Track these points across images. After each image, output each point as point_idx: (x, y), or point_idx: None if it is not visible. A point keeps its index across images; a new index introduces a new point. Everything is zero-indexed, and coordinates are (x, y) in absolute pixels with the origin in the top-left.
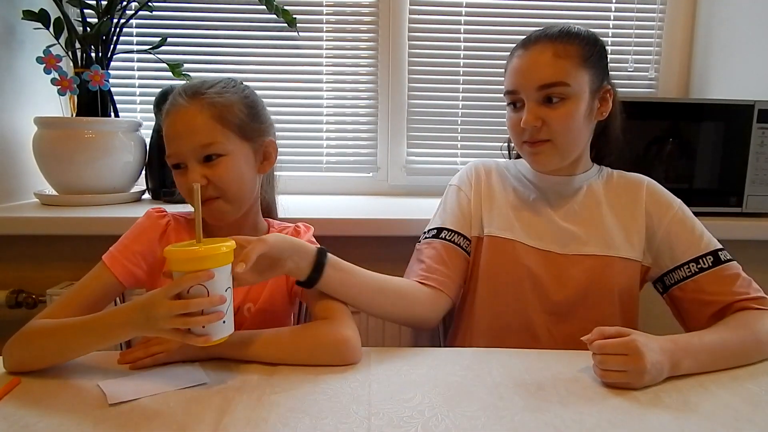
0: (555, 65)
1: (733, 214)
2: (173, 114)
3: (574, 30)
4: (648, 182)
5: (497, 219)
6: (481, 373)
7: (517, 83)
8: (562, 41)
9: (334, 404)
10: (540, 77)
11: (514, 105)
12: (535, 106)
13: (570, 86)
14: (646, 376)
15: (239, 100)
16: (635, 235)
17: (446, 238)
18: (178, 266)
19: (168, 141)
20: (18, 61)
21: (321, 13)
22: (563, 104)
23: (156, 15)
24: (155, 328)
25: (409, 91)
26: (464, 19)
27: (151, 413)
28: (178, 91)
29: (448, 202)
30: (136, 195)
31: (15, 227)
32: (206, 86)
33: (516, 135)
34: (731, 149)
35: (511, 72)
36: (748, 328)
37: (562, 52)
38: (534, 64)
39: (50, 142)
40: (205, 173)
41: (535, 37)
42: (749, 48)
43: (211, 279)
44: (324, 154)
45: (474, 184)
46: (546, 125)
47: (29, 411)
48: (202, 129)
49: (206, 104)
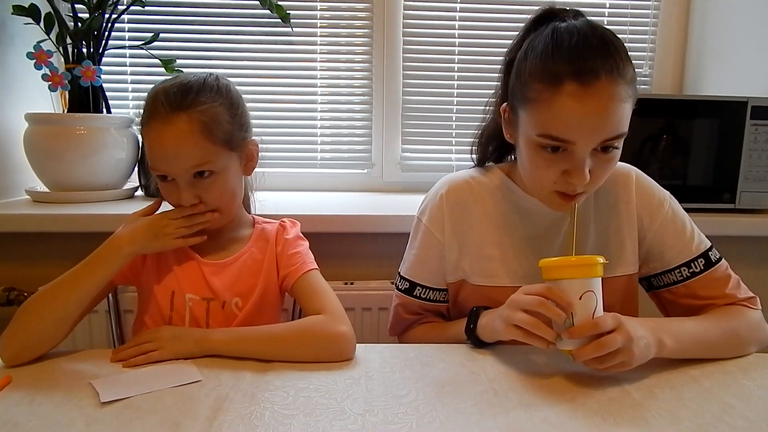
0: (621, 114)
1: (726, 210)
2: (159, 128)
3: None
4: (636, 177)
5: (478, 263)
6: (475, 369)
7: (575, 134)
8: (620, 72)
9: (329, 401)
10: (608, 131)
11: (552, 148)
12: (590, 159)
13: (626, 132)
14: (635, 349)
15: (224, 106)
16: (629, 244)
17: (421, 296)
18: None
19: (155, 156)
20: (8, 57)
21: (315, 9)
22: (615, 152)
23: (148, 10)
24: None
25: (403, 87)
26: (459, 15)
27: (145, 411)
28: (160, 100)
29: (419, 248)
30: (129, 192)
31: (6, 224)
32: (191, 95)
33: (547, 182)
34: (725, 146)
35: (565, 117)
36: (730, 321)
37: (624, 92)
38: (601, 114)
39: (41, 138)
40: (198, 192)
41: (595, 69)
42: (743, 45)
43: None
44: (318, 151)
45: (446, 220)
46: (590, 174)
47: (20, 410)
48: (193, 149)
49: (194, 119)
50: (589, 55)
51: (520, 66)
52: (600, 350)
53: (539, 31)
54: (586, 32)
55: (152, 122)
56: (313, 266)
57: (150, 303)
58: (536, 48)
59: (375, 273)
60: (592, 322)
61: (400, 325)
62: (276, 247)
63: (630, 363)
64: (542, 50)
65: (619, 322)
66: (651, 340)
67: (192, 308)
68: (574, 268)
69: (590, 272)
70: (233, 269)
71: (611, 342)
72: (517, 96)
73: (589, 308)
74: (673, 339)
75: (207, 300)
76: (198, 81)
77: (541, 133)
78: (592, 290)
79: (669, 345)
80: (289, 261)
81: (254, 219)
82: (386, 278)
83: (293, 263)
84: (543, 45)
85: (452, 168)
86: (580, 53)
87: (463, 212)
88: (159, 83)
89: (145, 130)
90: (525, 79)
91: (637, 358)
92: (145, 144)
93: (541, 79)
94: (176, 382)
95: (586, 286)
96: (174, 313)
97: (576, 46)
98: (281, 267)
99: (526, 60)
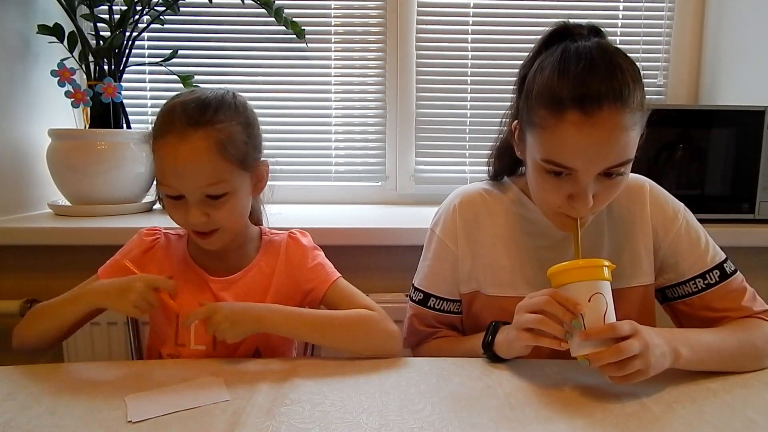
0: (625, 142)
1: (745, 220)
2: (174, 143)
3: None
4: (650, 188)
5: (491, 273)
6: (491, 384)
7: (576, 162)
8: (626, 100)
9: (345, 415)
10: (610, 159)
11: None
12: (593, 184)
13: (633, 158)
14: (652, 357)
15: (241, 125)
16: (644, 255)
17: (435, 307)
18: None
19: (167, 173)
20: (33, 74)
21: (329, 25)
22: (621, 178)
23: (167, 28)
24: None
25: (417, 100)
26: (471, 28)
27: (161, 424)
28: (177, 115)
29: (432, 258)
30: (148, 205)
31: (29, 237)
32: (210, 112)
33: (552, 204)
34: (743, 155)
35: (567, 145)
36: (747, 333)
37: (630, 121)
38: (603, 143)
39: (64, 153)
40: (208, 211)
41: (598, 97)
42: (758, 53)
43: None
44: (333, 164)
45: (459, 231)
46: (595, 198)
47: (42, 422)
48: (208, 167)
49: (212, 136)
50: (594, 82)
51: (529, 87)
52: (618, 355)
53: (550, 51)
54: (594, 56)
55: (167, 136)
56: (338, 274)
57: (157, 321)
58: (544, 70)
59: (389, 285)
60: (609, 325)
61: (414, 336)
62: (287, 258)
63: (647, 371)
64: (549, 74)
65: (635, 329)
66: (666, 349)
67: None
68: (579, 270)
69: (596, 274)
70: (242, 284)
71: (629, 347)
72: (525, 118)
73: (599, 311)
74: (689, 349)
75: None
76: (216, 97)
77: (545, 159)
78: (601, 292)
79: (685, 355)
80: (312, 274)
81: (261, 231)
82: (400, 291)
83: (317, 275)
84: (550, 68)
85: (466, 180)
86: (584, 80)
87: (476, 223)
88: (175, 97)
89: (159, 144)
90: (531, 103)
91: (653, 367)
92: (157, 158)
93: (545, 104)
94: (205, 401)
95: (593, 288)
96: (180, 334)
97: (581, 72)
98: (303, 281)
99: (534, 82)
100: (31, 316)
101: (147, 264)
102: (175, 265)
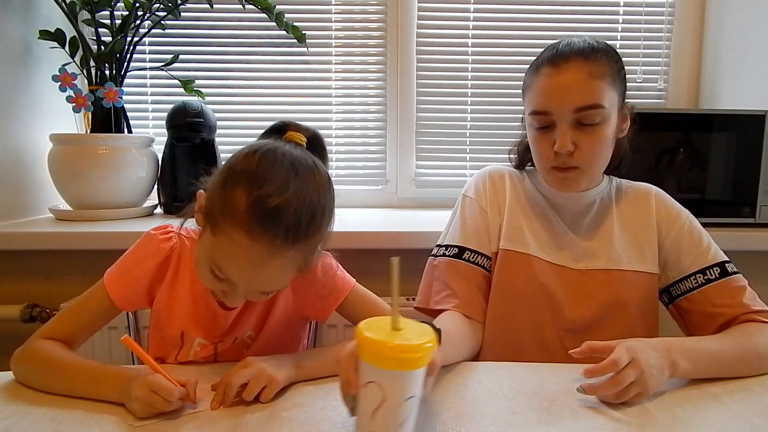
0: (591, 86)
1: (746, 224)
2: (264, 254)
3: (602, 46)
4: (656, 192)
5: (511, 231)
6: (492, 387)
7: (550, 104)
8: (594, 59)
9: (345, 420)
10: (577, 99)
11: (541, 126)
12: (568, 130)
13: (605, 108)
14: (650, 379)
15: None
16: (648, 247)
17: (470, 260)
18: (371, 359)
19: (546, 95)
20: (34, 79)
21: (330, 29)
22: (596, 128)
23: (168, 33)
24: None
25: (417, 103)
26: (472, 32)
27: (162, 430)
28: (279, 231)
29: (467, 217)
30: (149, 209)
31: (30, 242)
32: (313, 227)
33: (543, 158)
34: (743, 159)
35: (541, 92)
36: (748, 338)
37: (597, 72)
38: (570, 85)
39: (65, 158)
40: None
41: (565, 54)
42: (759, 57)
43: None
44: (333, 167)
45: (489, 194)
46: (578, 150)
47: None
48: (285, 282)
49: (300, 255)
50: (567, 48)
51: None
52: (614, 387)
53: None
54: (579, 38)
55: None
56: (353, 281)
57: (159, 332)
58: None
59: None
60: (610, 361)
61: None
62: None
63: (646, 393)
64: (539, 54)
65: (631, 356)
66: (664, 363)
67: (199, 351)
68: (364, 348)
69: (379, 361)
70: (246, 305)
71: (624, 379)
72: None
73: (371, 402)
74: (687, 360)
75: (215, 343)
76: (320, 207)
77: (530, 112)
78: (376, 382)
79: (683, 366)
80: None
81: None
82: (402, 294)
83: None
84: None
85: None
86: (560, 47)
87: (503, 190)
88: (283, 189)
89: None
90: (525, 78)
91: (651, 388)
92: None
93: (529, 71)
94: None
95: (371, 374)
96: (182, 350)
97: (560, 44)
98: (316, 296)
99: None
100: (43, 368)
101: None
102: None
